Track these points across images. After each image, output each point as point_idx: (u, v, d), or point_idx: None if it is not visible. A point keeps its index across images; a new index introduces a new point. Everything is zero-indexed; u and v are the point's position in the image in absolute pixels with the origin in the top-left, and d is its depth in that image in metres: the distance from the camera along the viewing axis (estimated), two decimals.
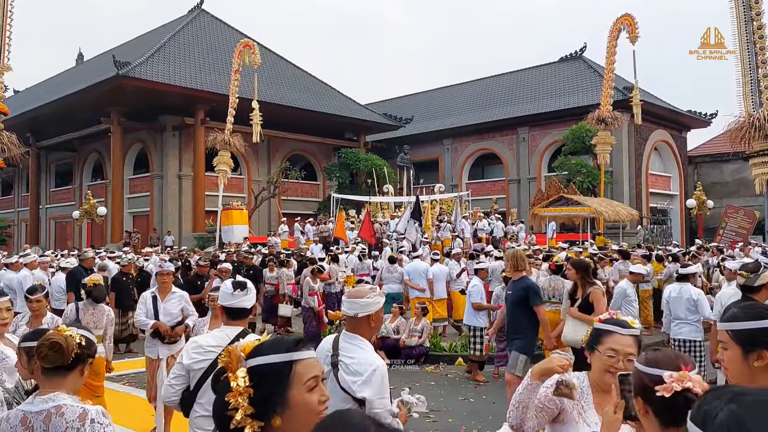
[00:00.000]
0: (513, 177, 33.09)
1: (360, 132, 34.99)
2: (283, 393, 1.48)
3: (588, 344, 2.47)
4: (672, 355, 1.79)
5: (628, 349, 2.37)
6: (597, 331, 2.46)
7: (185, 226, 28.67)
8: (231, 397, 1.45)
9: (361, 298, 2.92)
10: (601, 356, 2.38)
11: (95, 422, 2.25)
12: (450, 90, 41.18)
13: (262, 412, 1.44)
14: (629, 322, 2.46)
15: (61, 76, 39.58)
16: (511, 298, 6.55)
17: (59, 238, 35.29)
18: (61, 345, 2.32)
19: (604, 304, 6.10)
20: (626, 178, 29.25)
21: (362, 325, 2.93)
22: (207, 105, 27.51)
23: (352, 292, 3.00)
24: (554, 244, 19.84)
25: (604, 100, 22.23)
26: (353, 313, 2.90)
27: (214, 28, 33.77)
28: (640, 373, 1.75)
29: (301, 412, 1.48)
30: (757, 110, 15.31)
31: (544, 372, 2.47)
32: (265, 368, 1.48)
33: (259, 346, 1.54)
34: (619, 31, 21.52)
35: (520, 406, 2.51)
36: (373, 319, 2.94)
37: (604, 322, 2.47)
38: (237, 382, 1.46)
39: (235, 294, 3.32)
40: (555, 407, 2.43)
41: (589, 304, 6.00)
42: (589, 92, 29.81)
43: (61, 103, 28.81)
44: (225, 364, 1.51)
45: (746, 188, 27.78)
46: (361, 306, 2.89)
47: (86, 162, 34.51)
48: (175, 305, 6.40)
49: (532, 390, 2.49)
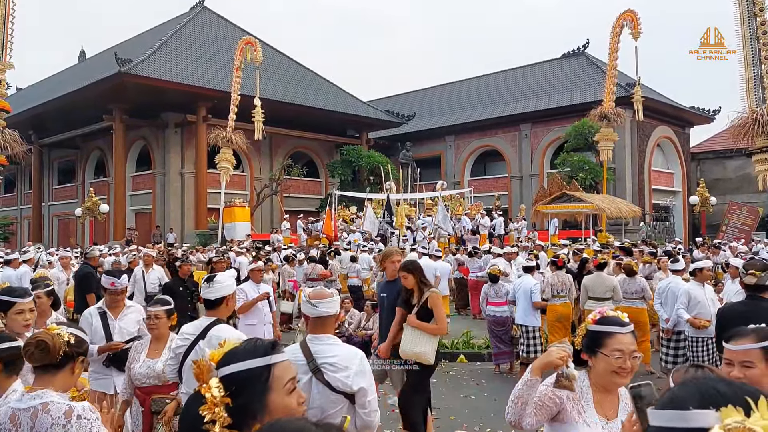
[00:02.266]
0: (515, 174, 33.04)
1: (362, 129, 34.97)
2: (262, 398, 1.42)
3: (586, 347, 2.44)
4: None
5: (632, 346, 2.35)
6: (595, 334, 2.42)
7: (187, 224, 28.72)
8: (206, 409, 1.35)
9: (326, 298, 2.98)
10: (608, 359, 2.35)
11: (82, 418, 2.25)
12: (452, 87, 41.11)
13: (240, 421, 1.37)
14: (621, 318, 2.44)
15: (63, 74, 39.62)
16: (387, 300, 5.74)
17: (62, 235, 35.39)
18: (47, 344, 2.34)
19: (444, 310, 5.38)
20: (629, 175, 29.18)
21: (329, 324, 3.01)
22: (209, 102, 27.52)
23: (314, 294, 3.02)
24: (556, 241, 19.82)
25: (607, 96, 22.16)
26: (323, 313, 2.95)
27: (216, 25, 33.76)
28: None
29: (281, 416, 1.41)
30: (760, 106, 15.25)
31: (543, 366, 2.43)
32: (244, 374, 1.42)
33: (233, 351, 1.47)
34: (622, 27, 21.42)
35: (519, 401, 2.46)
36: (336, 317, 3.06)
37: (599, 322, 2.42)
38: (211, 392, 1.37)
39: (203, 286, 3.70)
40: (554, 405, 2.39)
41: (428, 311, 5.16)
42: (592, 89, 29.74)
43: (63, 101, 28.84)
44: (195, 375, 1.42)
45: (749, 185, 27.70)
46: (329, 305, 2.97)
47: (89, 159, 34.57)
48: (131, 323, 4.90)
49: (531, 386, 2.45)
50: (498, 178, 34.15)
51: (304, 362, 2.88)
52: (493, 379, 8.81)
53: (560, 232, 22.29)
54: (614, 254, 12.19)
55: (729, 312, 4.88)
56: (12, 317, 3.66)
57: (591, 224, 21.74)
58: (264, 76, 25.91)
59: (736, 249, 15.20)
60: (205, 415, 1.35)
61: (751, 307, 4.72)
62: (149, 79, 25.70)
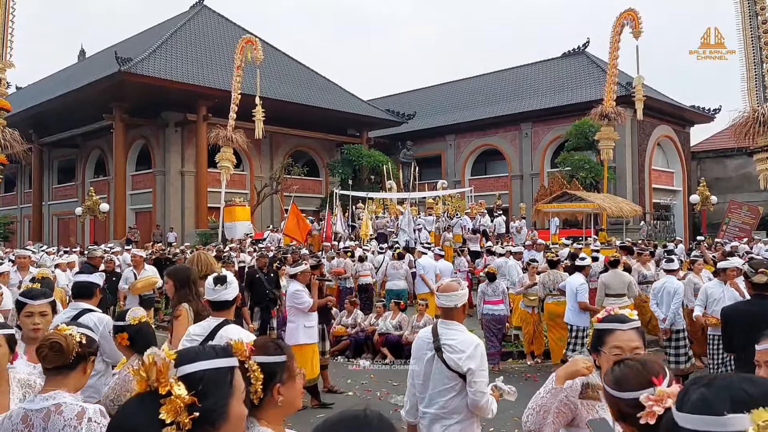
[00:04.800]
0: (516, 173, 33.03)
1: (362, 128, 34.95)
2: (225, 403, 1.28)
3: (592, 347, 2.44)
4: (638, 367, 1.66)
5: (633, 343, 2.34)
6: (598, 332, 2.43)
7: (188, 223, 28.70)
8: (167, 410, 1.18)
9: (455, 291, 3.44)
10: (608, 356, 2.34)
11: (92, 421, 2.25)
12: (452, 86, 41.08)
13: (197, 428, 1.21)
14: (628, 315, 2.43)
15: (63, 73, 39.59)
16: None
17: (62, 234, 35.37)
18: (61, 345, 2.33)
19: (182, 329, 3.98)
20: (629, 174, 29.17)
21: (458, 313, 3.51)
22: (209, 101, 27.49)
23: (444, 287, 3.50)
24: (557, 240, 19.79)
25: (607, 95, 22.13)
26: (452, 305, 3.45)
27: (216, 24, 33.73)
28: (613, 398, 1.62)
29: (237, 426, 1.31)
30: (761, 105, 15.23)
31: (569, 375, 2.41)
32: (211, 374, 1.28)
33: (194, 350, 1.35)
34: (623, 26, 21.40)
35: (542, 410, 2.41)
36: (465, 307, 3.55)
37: (603, 320, 2.43)
38: (173, 391, 1.20)
39: (216, 288, 3.57)
40: (570, 411, 2.38)
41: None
42: (592, 88, 29.71)
43: (63, 100, 28.81)
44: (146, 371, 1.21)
45: (750, 183, 27.70)
46: (458, 298, 3.45)
47: (89, 158, 34.55)
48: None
49: (555, 394, 2.41)
50: (499, 177, 34.13)
51: (431, 340, 3.48)
52: (492, 377, 8.79)
53: (560, 231, 22.27)
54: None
55: (733, 312, 4.86)
56: (22, 319, 3.57)
57: (592, 223, 21.72)
58: (264, 75, 25.87)
59: (736, 249, 15.19)
60: (163, 418, 1.17)
61: (758, 307, 4.69)
62: (149, 78, 25.67)
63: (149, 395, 1.21)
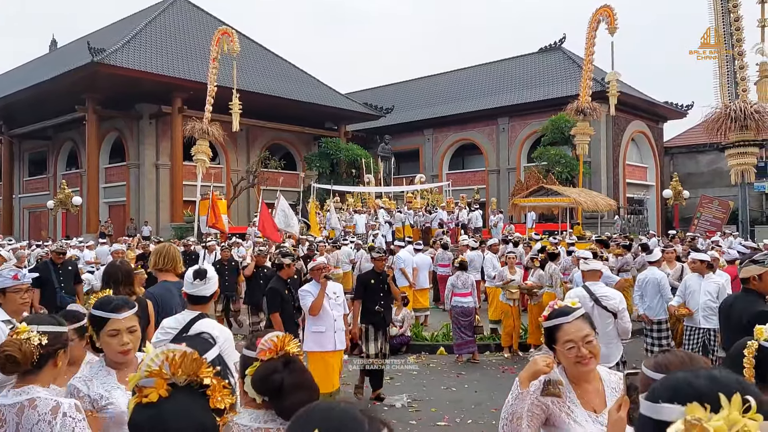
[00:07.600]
0: (493, 167, 33.24)
1: (340, 121, 34.80)
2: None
3: (546, 344, 2.43)
4: (685, 358, 1.63)
5: (581, 332, 2.33)
6: (547, 330, 2.42)
7: (163, 216, 28.33)
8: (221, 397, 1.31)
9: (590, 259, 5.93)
10: (563, 351, 2.34)
11: (67, 416, 2.21)
12: (430, 80, 41.12)
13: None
14: (571, 305, 2.43)
15: (34, 63, 38.69)
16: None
17: (33, 228, 34.67)
18: (16, 357, 2.24)
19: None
20: (604, 169, 29.55)
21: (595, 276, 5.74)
22: (185, 93, 27.10)
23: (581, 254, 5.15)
24: (529, 235, 19.99)
25: (583, 91, 22.35)
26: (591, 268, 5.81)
27: (192, 15, 33.23)
28: (650, 381, 1.56)
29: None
30: (733, 101, 15.51)
31: (532, 376, 2.35)
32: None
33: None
34: (598, 22, 21.62)
35: (514, 417, 2.34)
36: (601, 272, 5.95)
37: (548, 318, 2.42)
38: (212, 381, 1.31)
39: (195, 283, 3.58)
40: (542, 412, 2.35)
41: None
42: (568, 83, 29.97)
43: (34, 91, 28.17)
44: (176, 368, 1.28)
45: (721, 179, 28.25)
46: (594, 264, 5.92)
47: (61, 150, 33.88)
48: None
49: (522, 398, 2.34)
50: (476, 172, 34.32)
51: (588, 296, 5.39)
52: (474, 371, 8.87)
53: (537, 225, 22.50)
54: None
55: (725, 306, 4.90)
56: (105, 340, 2.61)
57: (567, 218, 21.97)
58: (241, 67, 25.56)
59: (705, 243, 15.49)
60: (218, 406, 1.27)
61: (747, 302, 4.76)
62: (123, 69, 25.22)
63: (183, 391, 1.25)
